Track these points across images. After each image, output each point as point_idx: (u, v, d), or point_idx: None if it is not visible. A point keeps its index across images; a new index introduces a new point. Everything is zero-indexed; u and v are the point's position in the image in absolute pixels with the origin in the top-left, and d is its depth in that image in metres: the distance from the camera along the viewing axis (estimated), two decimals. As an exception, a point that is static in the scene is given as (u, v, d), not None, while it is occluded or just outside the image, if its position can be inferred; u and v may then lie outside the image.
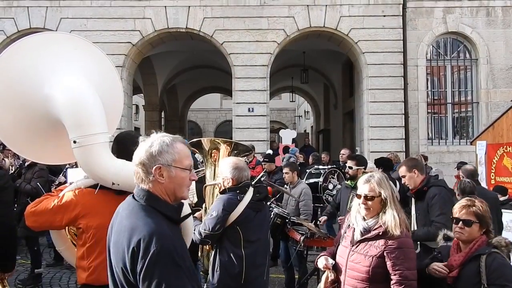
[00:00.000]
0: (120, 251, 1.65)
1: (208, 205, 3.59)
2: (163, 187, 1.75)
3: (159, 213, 1.71)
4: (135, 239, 1.59)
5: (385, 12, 11.14)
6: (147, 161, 1.72)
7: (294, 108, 31.71)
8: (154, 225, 1.63)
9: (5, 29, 11.19)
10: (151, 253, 1.54)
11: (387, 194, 2.61)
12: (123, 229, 1.68)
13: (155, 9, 11.25)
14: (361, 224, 2.65)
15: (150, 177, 1.73)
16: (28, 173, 6.00)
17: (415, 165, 4.17)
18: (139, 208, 1.72)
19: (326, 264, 2.74)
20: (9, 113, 2.31)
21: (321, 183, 7.02)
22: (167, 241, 1.59)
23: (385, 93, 11.08)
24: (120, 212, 1.82)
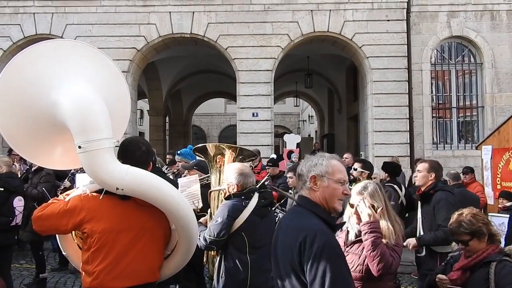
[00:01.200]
0: (288, 250, 1.88)
1: (213, 210, 3.59)
2: (318, 195, 1.99)
3: (318, 217, 1.93)
4: (302, 235, 1.82)
5: (389, 16, 11.14)
6: (305, 171, 2.02)
7: (298, 112, 31.70)
8: (317, 224, 1.89)
9: (12, 35, 11.29)
10: (316, 247, 1.77)
11: (380, 205, 2.72)
12: (289, 230, 1.94)
13: (159, 15, 11.31)
14: (355, 227, 2.75)
15: (306, 185, 2.00)
16: (35, 178, 6.03)
17: (437, 170, 4.17)
18: (301, 212, 1.99)
19: None
20: (17, 119, 2.33)
21: None
22: (329, 237, 1.85)
23: (389, 98, 11.06)
24: (285, 219, 2.14)
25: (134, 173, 2.35)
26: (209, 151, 3.67)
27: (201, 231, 3.21)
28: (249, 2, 11.30)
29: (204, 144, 3.80)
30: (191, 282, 4.39)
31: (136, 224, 2.42)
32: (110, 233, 2.35)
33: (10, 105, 2.29)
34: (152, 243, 2.49)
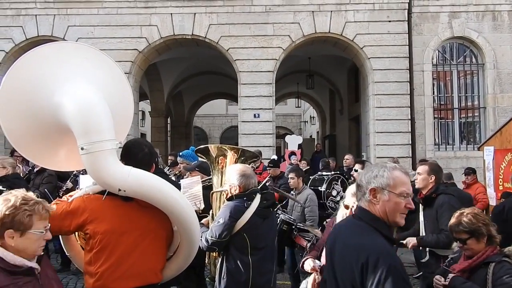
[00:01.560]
0: (348, 268, 1.81)
1: (215, 211, 3.60)
2: (377, 208, 1.90)
3: (378, 232, 1.86)
4: (364, 256, 1.74)
5: (391, 17, 11.14)
6: (364, 182, 1.92)
7: (300, 113, 31.70)
8: (380, 244, 1.80)
9: (14, 37, 11.32)
10: (381, 270, 1.68)
11: None
12: (349, 248, 1.85)
13: (161, 16, 11.33)
14: None
15: (366, 197, 1.91)
16: (37, 179, 6.06)
17: (437, 172, 4.14)
18: (361, 226, 1.90)
19: (314, 266, 2.77)
20: (21, 120, 2.35)
21: (325, 189, 6.99)
22: (395, 259, 1.76)
23: (391, 99, 11.06)
24: (341, 231, 2.02)
25: (136, 175, 2.36)
26: (211, 152, 3.68)
27: (202, 232, 3.22)
28: (250, 3, 11.31)
29: (206, 145, 3.81)
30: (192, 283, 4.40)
31: (138, 225, 2.42)
32: (112, 234, 2.36)
33: (14, 107, 2.31)
34: (155, 245, 2.50)
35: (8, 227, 1.87)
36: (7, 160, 4.85)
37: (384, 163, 2.00)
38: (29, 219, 1.89)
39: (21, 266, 1.91)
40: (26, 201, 1.92)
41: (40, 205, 1.95)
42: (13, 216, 1.87)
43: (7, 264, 1.87)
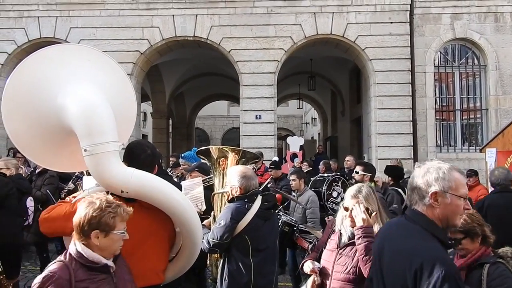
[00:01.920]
0: (399, 273, 1.76)
1: (216, 213, 3.60)
2: (437, 212, 1.83)
3: (434, 237, 1.80)
4: (417, 261, 1.69)
5: (392, 19, 11.14)
6: (423, 186, 1.83)
7: (301, 115, 31.68)
8: (436, 250, 1.74)
9: (16, 39, 11.36)
10: (436, 277, 1.63)
11: (374, 209, 2.73)
12: (401, 251, 1.80)
13: (163, 18, 11.36)
14: (349, 230, 2.74)
15: (424, 201, 1.83)
16: (39, 180, 6.07)
17: None
18: (416, 231, 1.83)
19: (313, 268, 2.80)
20: (25, 122, 2.37)
21: (325, 190, 6.98)
22: (450, 267, 1.70)
23: (392, 100, 11.05)
24: (391, 234, 1.96)
25: (139, 176, 2.36)
26: (213, 154, 3.69)
27: (204, 234, 3.22)
28: (252, 5, 11.33)
29: (207, 147, 3.82)
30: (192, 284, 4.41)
31: (141, 226, 2.43)
32: None
33: (18, 109, 2.33)
34: (157, 246, 2.50)
35: (94, 228, 2.01)
36: (10, 161, 4.87)
37: (438, 162, 1.89)
38: (113, 220, 2.04)
39: (98, 262, 2.05)
40: (109, 204, 2.06)
41: (122, 207, 2.10)
42: (100, 217, 2.01)
43: (86, 260, 2.02)
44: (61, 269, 1.97)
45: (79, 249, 2.04)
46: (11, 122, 2.37)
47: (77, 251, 2.04)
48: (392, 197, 5.63)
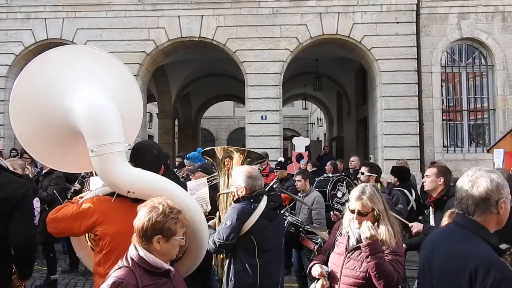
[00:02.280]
0: (452, 277, 1.78)
1: (222, 213, 3.60)
2: (496, 218, 1.86)
3: (486, 242, 1.81)
4: (472, 265, 1.71)
5: (399, 18, 11.10)
6: (493, 194, 1.83)
7: (307, 115, 31.63)
8: (490, 254, 1.76)
9: (24, 40, 11.45)
10: (492, 280, 1.64)
11: (380, 209, 2.68)
12: (455, 256, 1.82)
13: (168, 19, 11.39)
14: (356, 232, 2.69)
15: (491, 209, 1.84)
16: (45, 181, 6.10)
17: (446, 174, 4.09)
18: (466, 235, 1.86)
19: (322, 272, 2.74)
20: (32, 123, 2.38)
21: (329, 190, 6.95)
22: (506, 270, 1.69)
23: (399, 100, 11.01)
24: (441, 239, 1.99)
25: (145, 177, 2.37)
26: (217, 154, 3.68)
27: (210, 234, 3.22)
28: (257, 5, 11.33)
29: (212, 147, 3.82)
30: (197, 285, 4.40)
31: None
32: (121, 236, 2.36)
33: (25, 110, 2.34)
34: None
35: (157, 233, 2.02)
36: (16, 161, 4.90)
37: (489, 170, 1.93)
38: (175, 226, 2.04)
39: (161, 268, 2.06)
40: (171, 210, 2.07)
41: (182, 213, 2.11)
42: (163, 223, 2.02)
43: (149, 265, 2.03)
44: (128, 275, 1.97)
45: (141, 254, 2.03)
46: (18, 123, 2.38)
47: (139, 256, 2.03)
48: (397, 197, 5.59)
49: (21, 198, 2.54)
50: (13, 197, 2.51)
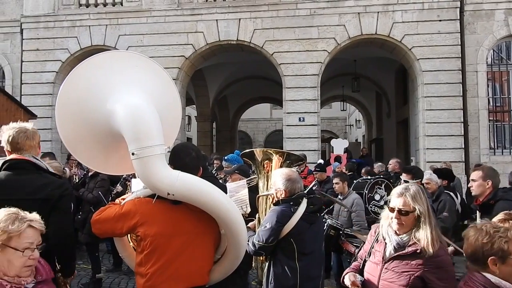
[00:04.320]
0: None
1: (261, 215, 3.59)
2: None
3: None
4: None
5: (441, 16, 10.75)
6: None
7: (345, 117, 31.22)
8: None
9: (69, 47, 11.95)
10: None
11: (423, 210, 2.41)
12: None
13: (207, 23, 11.56)
14: (394, 239, 2.46)
15: None
16: (91, 183, 6.31)
17: (493, 177, 3.88)
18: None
19: (355, 281, 2.55)
20: (76, 127, 2.46)
21: (366, 193, 6.80)
22: None
23: (442, 101, 10.65)
24: None
25: (184, 179, 2.39)
26: (257, 156, 3.68)
27: (249, 236, 3.22)
28: (294, 7, 11.30)
29: (251, 149, 3.82)
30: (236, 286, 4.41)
31: (187, 228, 2.46)
32: (162, 237, 2.40)
33: (70, 114, 2.43)
34: (202, 247, 2.52)
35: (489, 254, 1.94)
36: (52, 164, 4.98)
37: None
38: (507, 245, 1.95)
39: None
40: (497, 229, 1.99)
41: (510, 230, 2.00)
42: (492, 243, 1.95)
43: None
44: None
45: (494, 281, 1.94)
46: (64, 127, 2.47)
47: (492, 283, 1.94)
48: (444, 204, 5.16)
49: (58, 198, 2.63)
50: (51, 197, 2.60)
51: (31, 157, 2.70)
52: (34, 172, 2.67)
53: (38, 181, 2.63)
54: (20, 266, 1.99)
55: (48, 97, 11.94)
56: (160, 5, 11.75)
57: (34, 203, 2.48)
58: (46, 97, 11.96)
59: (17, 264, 1.97)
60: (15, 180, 2.62)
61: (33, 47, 12.14)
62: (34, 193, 2.58)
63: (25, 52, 12.21)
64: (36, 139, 2.77)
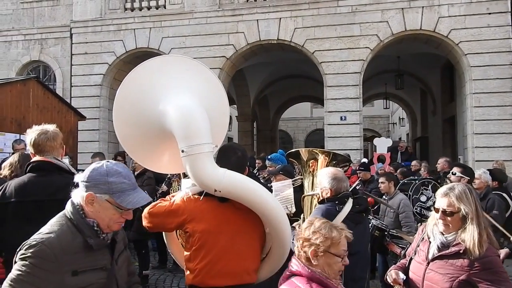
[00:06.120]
0: None
1: (306, 215, 3.58)
2: None
3: None
4: None
5: (490, 9, 10.29)
6: None
7: (388, 115, 30.51)
8: None
9: (116, 50, 12.37)
10: None
11: (469, 210, 2.30)
12: None
13: (247, 23, 11.63)
14: (438, 238, 2.39)
15: None
16: (138, 182, 6.44)
17: None
18: None
19: (396, 279, 2.51)
20: (133, 128, 2.59)
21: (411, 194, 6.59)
22: None
23: (491, 97, 10.20)
24: None
25: (231, 176, 2.44)
26: (302, 156, 3.68)
27: (294, 235, 3.22)
28: (335, 4, 11.17)
29: (297, 149, 3.83)
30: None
31: (234, 225, 2.50)
32: (209, 234, 2.46)
33: (127, 115, 2.55)
34: (249, 245, 2.56)
35: None
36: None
37: None
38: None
39: None
40: None
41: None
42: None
43: None
44: None
45: None
46: (121, 128, 2.59)
47: None
48: (493, 202, 5.05)
49: None
50: None
51: (52, 158, 2.78)
52: (55, 173, 2.75)
53: (59, 182, 2.70)
54: (337, 270, 2.17)
55: (95, 99, 12.42)
56: (201, 7, 11.95)
57: (55, 204, 2.43)
58: (93, 99, 12.44)
59: (336, 268, 2.15)
60: (37, 181, 2.70)
61: (81, 50, 12.67)
62: (55, 193, 2.64)
63: (74, 56, 12.76)
64: (57, 141, 2.84)
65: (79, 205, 1.89)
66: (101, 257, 1.88)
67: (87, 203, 1.86)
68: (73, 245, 1.79)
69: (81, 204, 1.89)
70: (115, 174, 1.91)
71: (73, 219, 1.86)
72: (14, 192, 2.67)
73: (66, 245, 1.78)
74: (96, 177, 1.88)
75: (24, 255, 1.72)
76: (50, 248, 1.73)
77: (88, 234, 1.84)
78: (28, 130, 2.85)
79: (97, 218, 1.88)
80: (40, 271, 1.70)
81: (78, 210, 1.88)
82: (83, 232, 1.83)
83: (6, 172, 3.86)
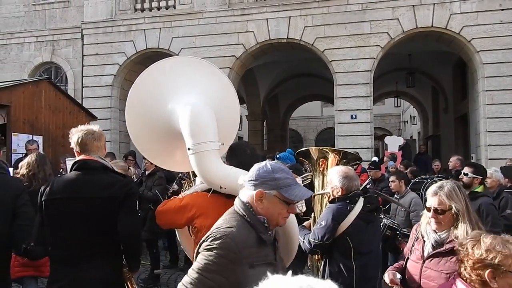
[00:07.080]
0: None
1: (317, 214, 3.56)
2: None
3: None
4: None
5: (503, 5, 10.15)
6: None
7: (399, 113, 30.25)
8: None
9: (126, 51, 12.45)
10: None
11: (459, 207, 2.35)
12: None
13: (257, 22, 11.62)
14: (432, 237, 2.43)
15: None
16: (149, 181, 6.53)
17: None
18: None
19: (393, 279, 2.52)
20: (144, 126, 2.66)
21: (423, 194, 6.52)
22: None
23: (505, 95, 10.07)
24: None
25: (236, 174, 2.45)
26: (312, 155, 3.66)
27: (305, 234, 3.21)
28: (345, 2, 11.11)
29: (307, 148, 3.81)
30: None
31: None
32: None
33: (138, 115, 2.62)
34: None
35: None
36: (118, 163, 5.19)
37: None
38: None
39: None
40: None
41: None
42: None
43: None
44: None
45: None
46: (133, 127, 2.66)
47: None
48: (506, 201, 5.02)
49: (124, 197, 2.76)
50: (117, 195, 2.74)
51: (98, 157, 2.86)
52: (101, 172, 2.83)
53: (105, 180, 2.79)
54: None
55: (106, 99, 12.52)
56: (211, 7, 11.97)
57: (101, 201, 2.69)
58: (105, 100, 12.54)
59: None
60: (84, 179, 2.78)
61: (92, 51, 12.78)
62: (101, 191, 2.73)
63: (85, 57, 12.88)
64: (102, 141, 2.94)
65: (248, 203, 1.97)
66: (269, 253, 1.96)
67: (257, 200, 1.93)
68: (249, 240, 1.88)
69: (250, 202, 1.96)
70: (280, 170, 1.97)
71: (245, 215, 1.94)
72: (62, 189, 2.75)
73: (245, 239, 1.86)
74: (263, 175, 1.94)
75: (210, 246, 1.83)
76: (233, 241, 1.82)
77: (260, 230, 1.91)
78: (73, 129, 2.92)
79: (267, 214, 1.94)
80: (226, 262, 1.80)
81: (248, 208, 1.95)
82: (256, 228, 1.91)
83: (24, 171, 3.97)
